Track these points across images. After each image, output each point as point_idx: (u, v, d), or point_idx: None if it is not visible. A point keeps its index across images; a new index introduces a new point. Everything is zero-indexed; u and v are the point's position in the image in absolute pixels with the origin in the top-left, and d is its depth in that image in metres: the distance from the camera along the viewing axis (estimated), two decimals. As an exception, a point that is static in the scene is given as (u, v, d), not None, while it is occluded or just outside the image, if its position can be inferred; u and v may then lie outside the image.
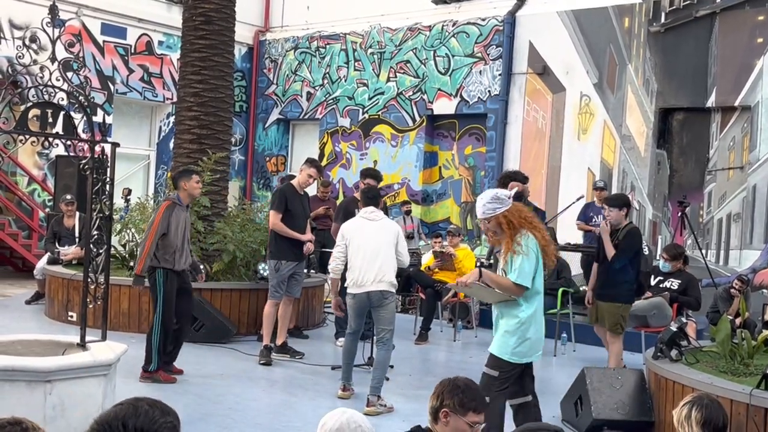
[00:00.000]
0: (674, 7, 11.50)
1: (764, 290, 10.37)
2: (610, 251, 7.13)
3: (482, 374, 4.92)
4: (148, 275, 6.88)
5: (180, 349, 7.17)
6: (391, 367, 7.73)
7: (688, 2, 11.33)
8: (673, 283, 8.24)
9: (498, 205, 4.79)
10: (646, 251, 7.38)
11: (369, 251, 6.49)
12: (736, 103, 11.01)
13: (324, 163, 15.04)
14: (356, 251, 6.54)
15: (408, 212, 13.01)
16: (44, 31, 5.11)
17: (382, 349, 6.57)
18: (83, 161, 5.38)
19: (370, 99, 14.79)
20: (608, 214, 7.34)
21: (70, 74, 5.33)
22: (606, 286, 7.22)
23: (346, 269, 6.65)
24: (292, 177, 8.93)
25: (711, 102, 11.24)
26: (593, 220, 10.50)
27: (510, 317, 4.88)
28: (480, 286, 4.92)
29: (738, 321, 7.48)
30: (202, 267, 8.35)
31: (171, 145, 12.15)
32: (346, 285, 6.70)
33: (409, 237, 12.51)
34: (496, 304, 5.02)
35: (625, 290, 7.20)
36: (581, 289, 10.33)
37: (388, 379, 7.38)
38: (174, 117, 11.37)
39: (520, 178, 7.08)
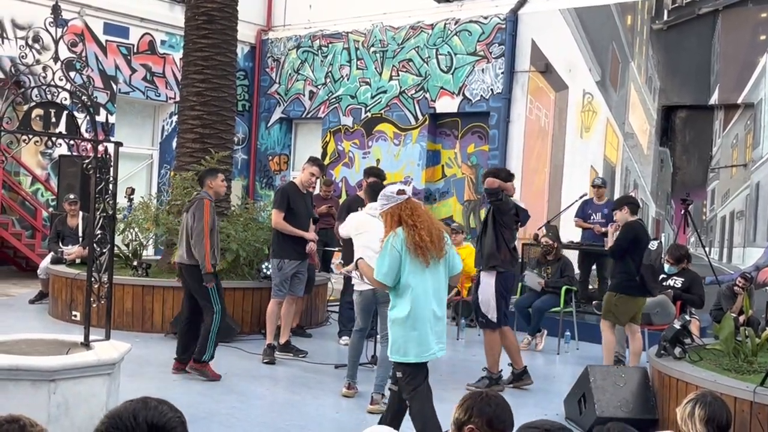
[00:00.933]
0: (677, 5, 11.48)
1: (767, 288, 10.36)
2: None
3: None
4: (194, 274, 6.99)
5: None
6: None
7: None
8: (677, 281, 8.24)
9: (385, 202, 4.93)
10: (654, 246, 7.37)
11: (372, 248, 6.49)
12: (739, 101, 10.99)
13: (327, 161, 15.04)
14: (362, 249, 6.51)
15: None
16: (47, 30, 5.12)
17: (386, 347, 6.55)
18: (86, 161, 5.39)
19: (372, 97, 14.79)
20: (615, 217, 7.57)
21: (72, 74, 5.34)
22: (611, 278, 7.57)
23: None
24: None
25: (714, 99, 11.22)
26: (591, 217, 10.46)
27: (389, 315, 4.95)
28: (356, 275, 5.20)
29: (741, 319, 7.47)
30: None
31: (174, 144, 12.16)
32: (352, 283, 6.72)
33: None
34: None
35: (622, 281, 7.28)
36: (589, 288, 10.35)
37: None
38: (177, 116, 11.38)
39: (502, 175, 7.20)
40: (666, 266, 8.33)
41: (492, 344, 7.13)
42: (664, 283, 8.29)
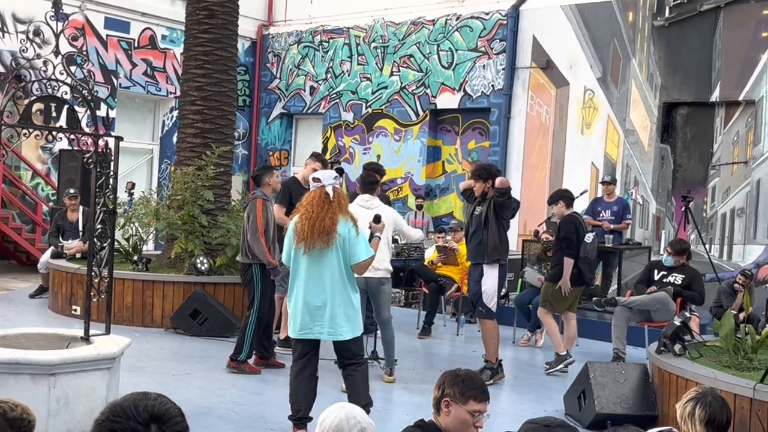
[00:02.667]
0: (678, 1, 11.47)
1: (767, 285, 10.36)
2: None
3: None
4: (245, 272, 7.18)
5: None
6: (395, 360, 7.74)
7: (693, -4, 11.30)
8: (677, 278, 8.23)
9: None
10: (589, 239, 7.83)
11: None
12: (741, 98, 10.98)
13: (327, 157, 15.03)
14: None
15: (420, 207, 13.05)
16: (48, 25, 5.11)
17: (385, 329, 7.08)
18: (87, 155, 5.39)
19: (373, 93, 14.78)
20: (552, 211, 8.18)
21: (73, 68, 5.33)
22: (550, 269, 8.14)
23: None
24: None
25: (715, 96, 11.21)
26: (600, 214, 10.52)
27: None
28: None
29: (741, 316, 7.47)
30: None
31: (174, 139, 12.14)
32: None
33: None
34: None
35: (559, 272, 7.82)
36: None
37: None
38: (177, 111, 11.37)
39: (494, 170, 7.43)
40: (664, 256, 8.36)
41: (492, 333, 7.27)
42: (664, 280, 8.29)
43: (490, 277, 7.16)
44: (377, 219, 5.79)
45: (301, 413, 5.37)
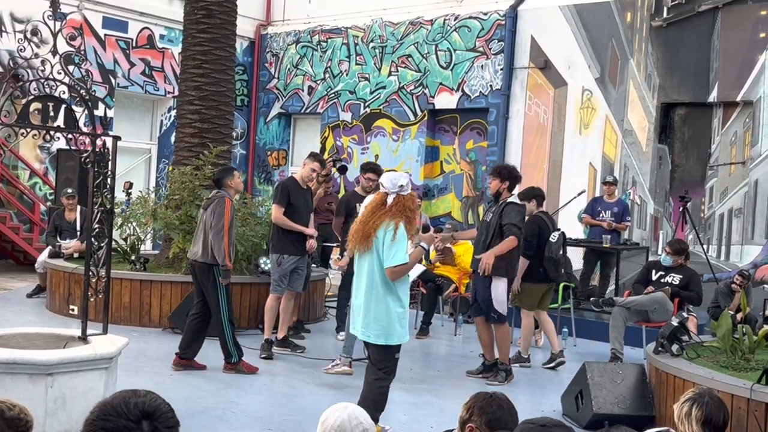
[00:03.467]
0: (676, 2, 11.47)
1: (765, 285, 10.37)
2: None
3: None
4: (207, 272, 7.03)
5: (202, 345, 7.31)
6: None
7: (691, -3, 11.31)
8: (675, 278, 8.25)
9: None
10: (554, 237, 7.95)
11: None
12: (738, 99, 10.99)
13: (325, 157, 15.02)
14: None
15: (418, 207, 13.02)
16: (45, 24, 5.11)
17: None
18: (84, 155, 5.38)
19: (371, 93, 14.77)
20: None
21: (71, 68, 5.33)
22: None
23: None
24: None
25: (713, 97, 11.22)
26: (600, 215, 10.55)
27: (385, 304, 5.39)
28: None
29: (739, 316, 7.48)
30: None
31: (172, 138, 12.14)
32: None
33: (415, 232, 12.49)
34: None
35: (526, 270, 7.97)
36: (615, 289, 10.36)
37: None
38: (175, 111, 11.37)
39: (514, 175, 7.46)
40: (662, 255, 8.37)
41: (506, 336, 7.38)
42: (662, 280, 8.30)
43: (501, 286, 7.20)
44: (426, 229, 5.78)
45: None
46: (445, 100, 13.81)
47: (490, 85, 13.23)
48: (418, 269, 6.46)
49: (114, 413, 1.79)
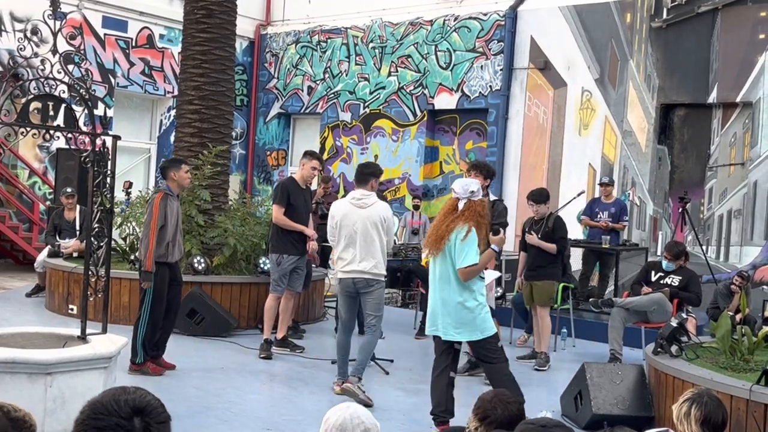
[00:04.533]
0: (676, 3, 11.48)
1: (765, 286, 10.37)
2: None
3: None
4: (139, 269, 6.87)
5: (167, 342, 7.11)
6: (391, 361, 7.76)
7: (691, -2, 11.31)
8: (674, 279, 8.24)
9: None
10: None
11: (356, 240, 6.47)
12: (738, 100, 10.99)
13: (325, 157, 15.03)
14: (342, 239, 6.52)
15: (417, 207, 13.02)
16: (45, 23, 5.10)
17: (368, 334, 6.68)
18: (84, 154, 5.38)
19: (371, 93, 14.78)
20: (536, 209, 8.21)
21: (71, 67, 5.33)
22: (536, 268, 8.24)
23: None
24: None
25: (712, 98, 11.22)
26: (598, 215, 10.55)
27: (463, 302, 5.57)
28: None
29: (738, 317, 7.48)
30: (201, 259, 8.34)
31: (172, 138, 12.14)
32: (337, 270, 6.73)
33: (414, 233, 12.50)
34: None
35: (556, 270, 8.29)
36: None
37: (387, 373, 7.41)
38: (175, 110, 11.36)
39: (492, 171, 7.71)
40: (664, 262, 8.35)
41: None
42: (662, 281, 8.30)
43: (489, 281, 7.17)
44: (496, 231, 5.82)
45: (437, 409, 5.58)
46: (445, 101, 13.82)
47: (490, 86, 13.24)
48: (493, 274, 6.44)
49: (105, 411, 1.78)
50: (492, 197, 7.38)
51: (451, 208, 5.48)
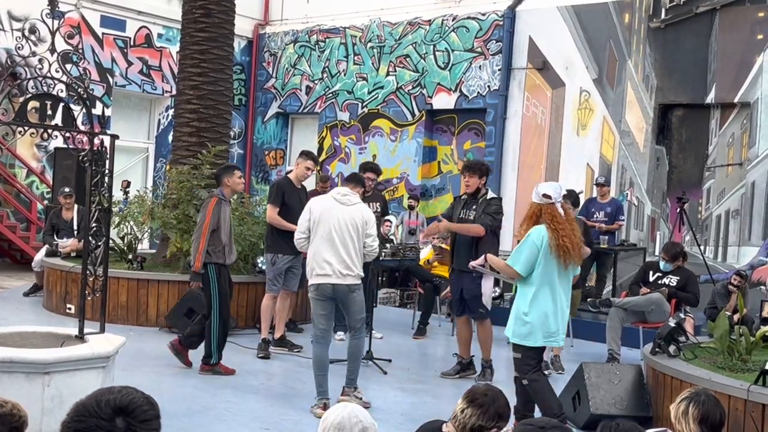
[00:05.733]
0: (674, 3, 11.48)
1: (762, 287, 10.38)
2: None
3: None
4: (189, 270, 7.09)
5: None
6: (389, 361, 7.75)
7: (689, -2, 11.32)
8: (672, 280, 8.25)
9: (533, 194, 5.54)
10: None
11: (337, 239, 6.06)
12: (736, 100, 11.00)
13: (323, 157, 15.04)
14: (322, 238, 6.07)
15: (411, 207, 12.97)
16: (43, 22, 5.10)
17: (354, 339, 6.34)
18: (82, 153, 5.37)
19: (369, 93, 14.77)
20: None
21: (69, 66, 5.32)
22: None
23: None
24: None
25: (710, 98, 11.23)
26: (594, 215, 10.57)
27: (514, 302, 5.61)
28: (485, 269, 5.94)
29: (736, 317, 7.49)
30: None
31: (170, 138, 12.13)
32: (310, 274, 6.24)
33: (411, 233, 12.48)
34: None
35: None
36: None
37: (386, 373, 7.40)
38: (173, 110, 11.36)
39: (486, 168, 7.41)
40: (661, 263, 8.35)
41: (490, 332, 7.33)
42: (660, 281, 8.31)
43: (489, 281, 7.17)
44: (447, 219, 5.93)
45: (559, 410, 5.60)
46: (443, 101, 13.82)
47: (488, 86, 13.24)
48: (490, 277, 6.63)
49: (86, 413, 1.78)
50: (490, 194, 7.33)
51: (568, 214, 5.51)
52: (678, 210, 10.26)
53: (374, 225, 6.23)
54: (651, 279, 8.38)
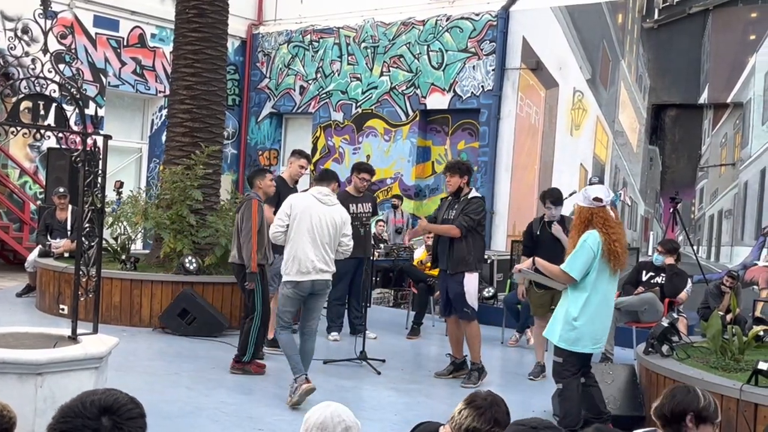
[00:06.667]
0: (668, 4, 11.51)
1: (755, 287, 10.41)
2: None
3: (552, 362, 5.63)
4: (240, 273, 7.08)
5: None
6: (383, 361, 7.75)
7: (682, -1, 11.35)
8: (664, 279, 8.28)
9: (580, 200, 5.45)
10: None
11: (318, 237, 6.26)
12: (729, 100, 11.04)
13: (317, 157, 15.03)
14: (302, 235, 6.24)
15: (395, 207, 12.95)
16: (36, 22, 5.08)
17: (309, 341, 6.49)
18: (75, 154, 5.36)
19: (363, 93, 14.77)
20: (553, 212, 7.48)
21: (62, 66, 5.31)
22: None
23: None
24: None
25: (703, 98, 11.26)
26: None
27: (561, 306, 5.55)
28: (532, 273, 5.77)
29: (729, 317, 7.51)
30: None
31: (163, 138, 12.11)
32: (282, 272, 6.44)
33: (398, 231, 12.49)
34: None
35: None
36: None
37: (379, 373, 7.40)
38: (166, 110, 11.33)
39: (468, 168, 7.39)
40: (655, 254, 8.41)
41: (477, 333, 7.26)
42: (652, 281, 8.33)
43: (473, 280, 7.16)
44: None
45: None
46: (437, 101, 13.82)
47: (482, 86, 13.25)
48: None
49: (71, 414, 1.79)
50: (473, 194, 7.30)
51: (611, 217, 5.45)
52: (671, 210, 10.29)
53: (350, 226, 6.51)
54: (644, 279, 8.40)
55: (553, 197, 7.47)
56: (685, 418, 3.24)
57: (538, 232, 7.54)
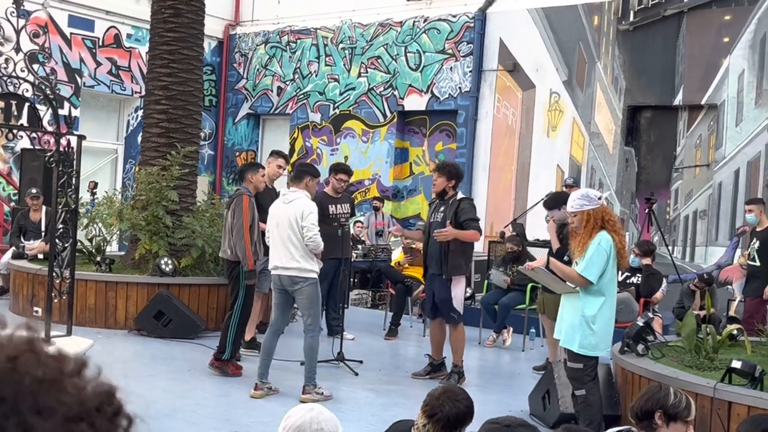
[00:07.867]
0: (643, 6, 11.60)
1: (729, 286, 10.51)
2: (556, 245, 7.21)
3: (567, 368, 5.53)
4: (232, 268, 7.01)
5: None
6: (360, 362, 7.74)
7: (657, 1, 11.43)
8: (640, 279, 8.34)
9: (585, 203, 5.29)
10: None
11: (277, 235, 6.49)
12: (703, 102, 11.14)
13: (294, 158, 14.98)
14: (274, 237, 6.55)
15: (377, 209, 12.93)
16: (8, 21, 5.03)
17: (307, 337, 6.54)
18: (49, 154, 5.31)
19: (341, 94, 14.76)
20: (552, 215, 7.42)
21: (36, 66, 5.26)
22: None
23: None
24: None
25: (678, 100, 11.36)
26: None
27: (572, 310, 5.42)
28: (545, 272, 5.58)
29: (702, 313, 7.58)
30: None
31: (139, 139, 12.02)
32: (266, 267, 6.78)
33: (379, 234, 12.48)
34: (564, 296, 5.54)
35: None
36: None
37: (357, 374, 7.39)
38: (142, 111, 11.26)
39: (459, 172, 7.31)
40: (631, 257, 8.46)
41: (462, 337, 7.28)
42: (627, 281, 8.39)
43: (460, 285, 7.19)
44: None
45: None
46: (415, 102, 13.84)
47: (459, 87, 13.28)
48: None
49: None
50: (460, 195, 7.30)
51: (614, 216, 5.50)
52: (646, 210, 10.37)
53: (309, 217, 6.41)
54: (619, 279, 8.44)
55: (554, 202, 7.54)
56: (654, 415, 3.26)
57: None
